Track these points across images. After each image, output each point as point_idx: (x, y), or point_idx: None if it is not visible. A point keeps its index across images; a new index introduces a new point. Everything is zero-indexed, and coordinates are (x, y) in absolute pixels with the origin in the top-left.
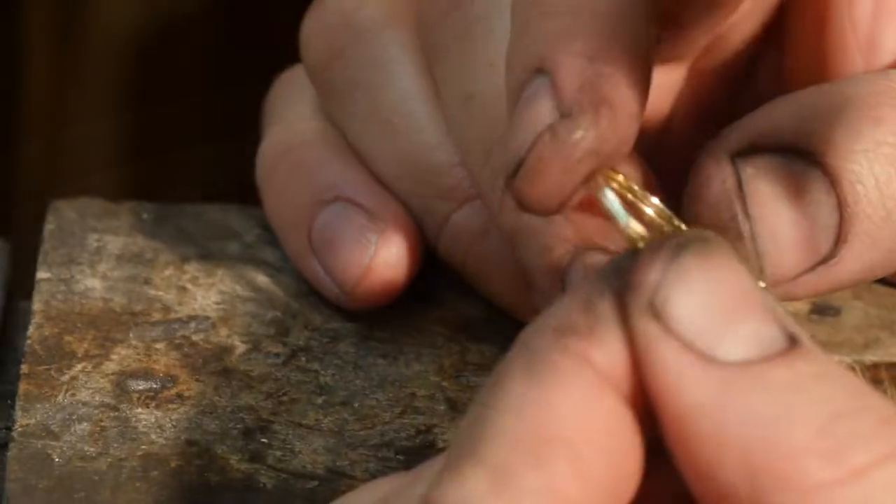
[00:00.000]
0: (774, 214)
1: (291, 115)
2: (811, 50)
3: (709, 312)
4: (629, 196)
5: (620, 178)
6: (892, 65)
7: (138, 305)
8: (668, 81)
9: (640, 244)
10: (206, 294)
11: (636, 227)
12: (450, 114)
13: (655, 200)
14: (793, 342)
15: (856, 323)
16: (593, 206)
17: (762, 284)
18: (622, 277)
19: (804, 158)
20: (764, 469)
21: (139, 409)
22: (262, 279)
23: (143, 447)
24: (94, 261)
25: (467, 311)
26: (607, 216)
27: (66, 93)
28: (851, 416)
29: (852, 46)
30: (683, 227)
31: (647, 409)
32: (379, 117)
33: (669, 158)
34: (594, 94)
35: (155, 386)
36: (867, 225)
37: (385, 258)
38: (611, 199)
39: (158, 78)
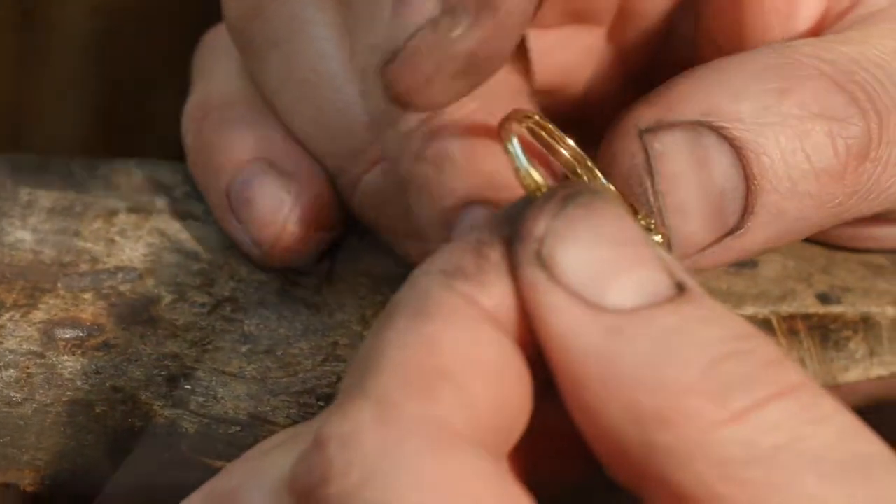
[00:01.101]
0: (682, 190)
1: (215, 74)
2: (729, 16)
3: (595, 262)
4: (544, 136)
5: (537, 117)
6: (808, 32)
7: (67, 257)
8: (587, 47)
9: (538, 194)
10: (134, 246)
11: (535, 177)
12: (360, 66)
13: (571, 142)
14: (681, 289)
15: (773, 275)
16: (482, 158)
17: (658, 238)
18: (512, 226)
19: (712, 132)
20: (650, 412)
21: (65, 357)
22: (189, 232)
23: (69, 393)
24: (26, 214)
25: (390, 264)
26: (512, 164)
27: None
28: (737, 358)
29: (770, 13)
30: (597, 170)
31: (536, 350)
32: (295, 77)
33: (592, 124)
34: None
35: (81, 334)
36: (774, 196)
37: (300, 217)
38: (516, 147)
39: (131, 61)
